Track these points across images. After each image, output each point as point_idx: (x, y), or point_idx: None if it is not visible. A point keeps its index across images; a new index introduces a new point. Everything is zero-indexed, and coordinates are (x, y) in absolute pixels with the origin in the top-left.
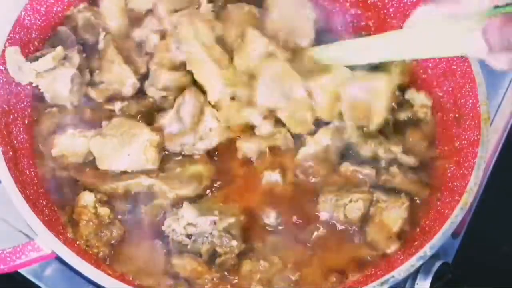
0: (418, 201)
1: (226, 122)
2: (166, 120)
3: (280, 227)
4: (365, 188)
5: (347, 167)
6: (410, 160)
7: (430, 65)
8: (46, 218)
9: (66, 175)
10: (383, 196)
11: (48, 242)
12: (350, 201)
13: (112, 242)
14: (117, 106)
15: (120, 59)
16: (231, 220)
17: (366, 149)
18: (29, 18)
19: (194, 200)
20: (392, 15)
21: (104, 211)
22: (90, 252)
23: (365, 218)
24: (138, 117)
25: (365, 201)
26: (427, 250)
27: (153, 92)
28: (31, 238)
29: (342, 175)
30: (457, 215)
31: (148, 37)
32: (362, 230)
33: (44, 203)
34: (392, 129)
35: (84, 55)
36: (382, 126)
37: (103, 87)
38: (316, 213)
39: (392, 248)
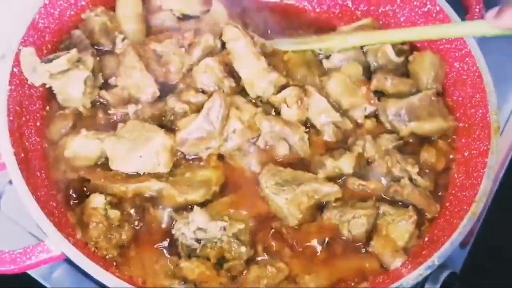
0: (427, 215)
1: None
2: (194, 125)
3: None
4: (371, 203)
5: (353, 181)
6: (425, 183)
7: None
8: (56, 220)
9: (77, 177)
10: (390, 209)
11: (58, 244)
12: (354, 217)
13: (121, 244)
14: (131, 109)
15: (141, 65)
16: (241, 226)
17: (382, 165)
18: (43, 21)
19: (203, 204)
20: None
21: (114, 213)
22: (99, 254)
23: (371, 232)
24: (150, 120)
25: (369, 217)
26: (435, 259)
27: (174, 104)
28: (41, 239)
29: (349, 188)
30: (465, 225)
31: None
32: (368, 244)
33: (55, 204)
34: (411, 147)
35: (97, 58)
36: (401, 144)
37: (117, 90)
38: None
39: (397, 262)
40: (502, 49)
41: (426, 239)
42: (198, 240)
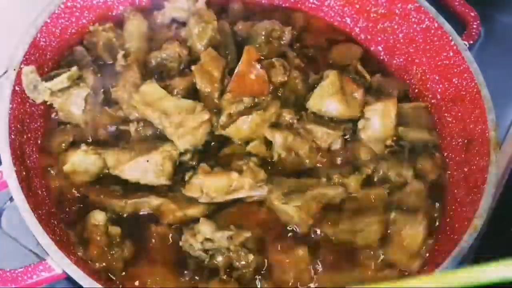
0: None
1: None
2: None
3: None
4: (380, 210)
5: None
6: (420, 186)
7: (439, 90)
8: (58, 238)
9: (77, 193)
10: (399, 215)
11: (59, 262)
12: (366, 225)
13: (122, 261)
14: (133, 127)
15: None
16: (247, 234)
17: (377, 170)
18: (44, 39)
19: (208, 217)
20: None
21: (114, 230)
22: (100, 270)
23: (384, 240)
24: (151, 138)
25: (380, 224)
26: None
27: None
28: (42, 258)
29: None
30: (466, 241)
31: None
32: (382, 252)
33: (56, 222)
34: (407, 155)
35: (99, 75)
36: (396, 150)
37: (118, 106)
38: None
39: (416, 264)
40: (501, 65)
41: (428, 255)
42: (206, 251)
